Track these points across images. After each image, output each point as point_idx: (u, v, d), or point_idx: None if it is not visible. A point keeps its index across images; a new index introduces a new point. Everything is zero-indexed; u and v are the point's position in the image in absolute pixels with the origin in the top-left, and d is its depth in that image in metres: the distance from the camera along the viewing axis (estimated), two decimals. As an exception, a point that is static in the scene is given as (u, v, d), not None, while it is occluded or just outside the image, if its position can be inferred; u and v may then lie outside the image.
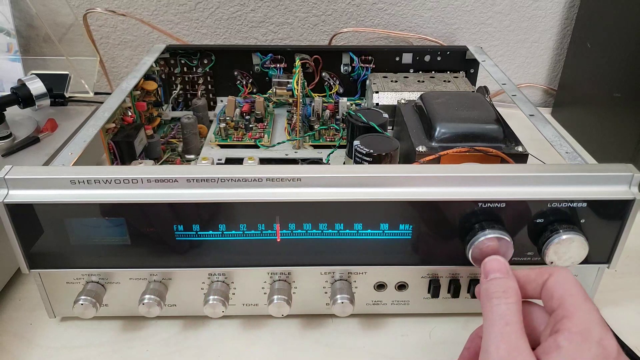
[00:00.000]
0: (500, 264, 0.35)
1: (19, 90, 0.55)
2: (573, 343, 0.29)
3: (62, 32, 0.68)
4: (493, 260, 0.35)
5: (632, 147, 0.65)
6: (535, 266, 0.35)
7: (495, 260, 0.35)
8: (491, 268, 0.35)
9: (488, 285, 0.34)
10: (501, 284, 0.33)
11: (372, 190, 0.39)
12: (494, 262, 0.35)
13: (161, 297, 0.42)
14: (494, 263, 0.35)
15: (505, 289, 0.33)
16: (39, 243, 0.40)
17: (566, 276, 0.33)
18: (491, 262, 0.35)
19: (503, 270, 0.34)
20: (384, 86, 0.66)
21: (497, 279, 0.34)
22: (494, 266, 0.35)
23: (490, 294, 0.33)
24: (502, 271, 0.34)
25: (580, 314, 0.30)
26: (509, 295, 0.32)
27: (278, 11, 0.84)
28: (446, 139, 0.50)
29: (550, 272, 0.33)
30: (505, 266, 0.35)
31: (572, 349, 0.29)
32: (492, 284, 0.34)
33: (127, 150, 0.54)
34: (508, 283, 0.33)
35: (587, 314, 0.30)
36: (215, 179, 0.38)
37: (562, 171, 0.39)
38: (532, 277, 0.34)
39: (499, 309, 0.32)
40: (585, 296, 0.31)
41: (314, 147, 0.62)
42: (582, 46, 0.79)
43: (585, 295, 0.32)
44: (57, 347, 0.43)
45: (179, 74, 0.72)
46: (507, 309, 0.31)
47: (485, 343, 0.31)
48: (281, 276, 0.43)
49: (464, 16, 0.86)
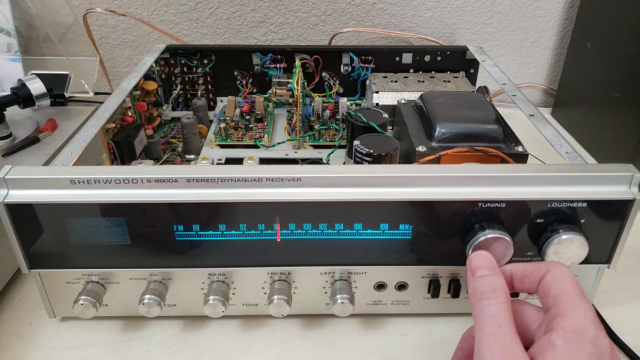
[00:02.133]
0: (487, 259, 0.34)
1: (19, 90, 0.55)
2: (568, 342, 0.29)
3: (62, 32, 0.68)
4: (478, 256, 0.35)
5: (632, 147, 0.65)
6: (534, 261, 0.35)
7: (481, 257, 0.35)
8: (477, 265, 0.34)
9: (476, 284, 0.33)
10: (489, 282, 0.33)
11: (372, 190, 0.39)
12: (479, 259, 0.35)
13: (161, 297, 0.42)
14: (480, 259, 0.34)
15: (494, 287, 0.32)
16: (39, 243, 0.40)
17: (563, 274, 0.32)
18: (477, 258, 0.35)
19: (489, 266, 0.34)
20: (384, 86, 0.66)
21: (485, 276, 0.33)
22: (480, 262, 0.34)
23: (480, 295, 0.32)
24: (488, 267, 0.34)
25: (575, 313, 0.30)
26: (498, 294, 0.32)
27: (278, 11, 0.84)
28: (446, 139, 0.50)
29: (547, 268, 0.33)
30: (491, 262, 0.34)
31: (566, 348, 0.28)
32: (480, 282, 0.33)
33: (127, 150, 0.54)
34: (496, 281, 0.33)
35: (582, 312, 0.30)
36: (215, 179, 0.38)
37: (562, 171, 0.39)
38: (529, 271, 0.34)
39: (489, 310, 0.31)
40: (581, 295, 0.31)
41: (314, 147, 0.62)
42: (582, 46, 0.79)
43: (582, 293, 0.31)
44: (57, 347, 0.43)
45: (179, 74, 0.72)
46: (497, 309, 0.31)
47: (478, 346, 0.30)
48: (281, 276, 0.43)
49: (464, 16, 0.86)
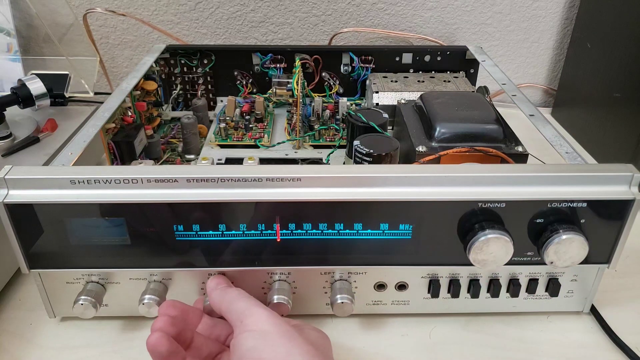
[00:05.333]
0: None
1: (19, 90, 0.55)
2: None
3: (62, 32, 0.68)
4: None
5: (632, 147, 0.65)
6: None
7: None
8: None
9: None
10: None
11: (372, 190, 0.39)
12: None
13: (161, 297, 0.42)
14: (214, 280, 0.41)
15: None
16: (39, 243, 0.39)
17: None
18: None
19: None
20: (384, 86, 0.66)
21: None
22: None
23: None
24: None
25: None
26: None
27: (278, 11, 0.84)
28: (446, 139, 0.50)
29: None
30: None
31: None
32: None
33: (127, 150, 0.54)
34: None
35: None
36: (215, 179, 0.38)
37: (562, 171, 0.39)
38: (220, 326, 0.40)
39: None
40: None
41: (314, 147, 0.62)
42: (582, 46, 0.79)
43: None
44: (57, 347, 0.43)
45: (179, 74, 0.72)
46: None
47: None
48: (281, 276, 0.43)
49: (464, 16, 0.86)
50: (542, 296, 0.45)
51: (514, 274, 0.43)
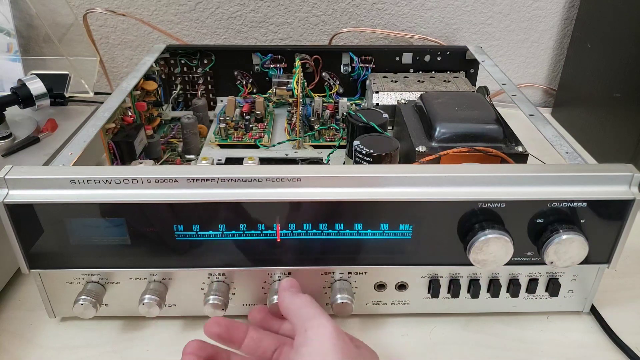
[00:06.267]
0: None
1: (19, 90, 0.55)
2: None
3: (62, 32, 0.68)
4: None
5: (632, 147, 0.65)
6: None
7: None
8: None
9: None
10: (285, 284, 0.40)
11: (372, 190, 0.39)
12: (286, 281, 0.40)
13: (161, 297, 0.42)
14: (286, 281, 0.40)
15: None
16: (39, 243, 0.40)
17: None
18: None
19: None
20: (384, 86, 0.66)
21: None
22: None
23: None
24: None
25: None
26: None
27: (278, 11, 0.84)
28: (446, 139, 0.50)
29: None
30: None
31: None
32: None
33: (127, 150, 0.54)
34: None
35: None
36: (215, 179, 0.38)
37: (562, 171, 0.39)
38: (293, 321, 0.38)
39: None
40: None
41: (314, 147, 0.62)
42: (582, 46, 0.79)
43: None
44: (57, 347, 0.43)
45: (179, 74, 0.72)
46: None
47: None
48: (281, 276, 0.43)
49: (464, 16, 0.86)
50: (542, 296, 0.45)
51: (514, 274, 0.43)
